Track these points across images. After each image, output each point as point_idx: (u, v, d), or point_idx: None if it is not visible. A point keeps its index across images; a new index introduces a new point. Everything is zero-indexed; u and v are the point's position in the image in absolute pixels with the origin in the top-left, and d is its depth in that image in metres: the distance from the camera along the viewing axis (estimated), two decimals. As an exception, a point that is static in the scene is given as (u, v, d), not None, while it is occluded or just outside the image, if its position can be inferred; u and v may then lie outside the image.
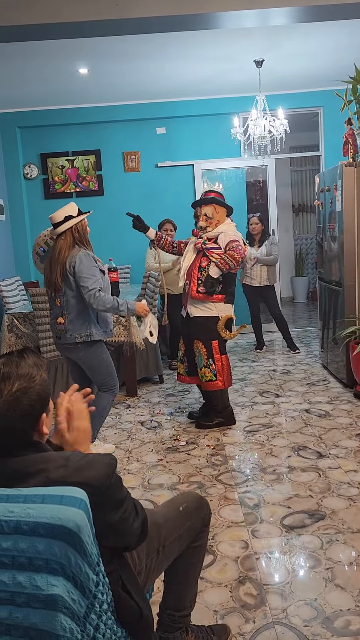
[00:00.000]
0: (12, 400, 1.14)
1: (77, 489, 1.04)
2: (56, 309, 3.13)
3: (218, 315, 3.56)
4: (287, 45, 4.87)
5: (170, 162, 6.59)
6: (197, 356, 3.62)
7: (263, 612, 1.91)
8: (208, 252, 3.49)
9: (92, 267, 3.01)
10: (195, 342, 3.62)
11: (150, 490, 2.87)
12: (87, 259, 3.00)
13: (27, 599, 0.96)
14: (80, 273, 2.97)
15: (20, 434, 1.17)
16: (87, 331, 3.08)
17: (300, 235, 9.65)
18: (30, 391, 1.17)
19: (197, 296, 3.52)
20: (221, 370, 3.59)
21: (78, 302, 3.05)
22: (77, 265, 2.98)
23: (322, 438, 3.41)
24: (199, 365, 3.62)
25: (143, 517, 1.29)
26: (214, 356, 3.58)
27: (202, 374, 3.61)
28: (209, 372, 3.58)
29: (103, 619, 1.09)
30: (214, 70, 5.44)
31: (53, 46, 4.46)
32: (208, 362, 3.58)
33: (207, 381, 3.61)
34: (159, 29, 3.76)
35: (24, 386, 1.16)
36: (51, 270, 3.05)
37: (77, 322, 3.07)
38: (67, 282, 3.03)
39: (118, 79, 5.50)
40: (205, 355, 3.57)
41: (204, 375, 3.60)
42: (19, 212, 6.53)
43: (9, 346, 4.38)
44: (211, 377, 3.58)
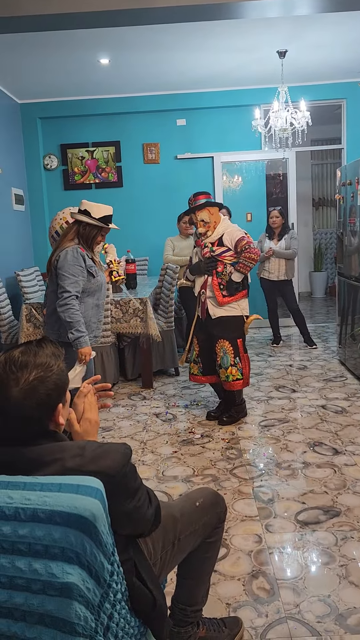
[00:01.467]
0: (29, 389, 1.15)
1: (93, 479, 1.05)
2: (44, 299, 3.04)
3: (242, 314, 3.54)
4: (311, 36, 4.80)
5: (190, 154, 6.55)
6: (222, 356, 3.53)
7: (276, 607, 1.91)
8: (220, 257, 3.47)
9: (75, 266, 2.75)
10: (220, 342, 3.54)
11: (165, 482, 2.88)
12: (72, 255, 2.75)
13: (43, 586, 0.96)
14: (60, 269, 2.74)
15: (36, 423, 1.17)
16: (57, 331, 2.85)
17: (320, 229, 9.55)
18: (47, 380, 1.17)
19: (224, 301, 3.49)
20: (246, 369, 3.58)
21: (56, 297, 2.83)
22: (61, 260, 2.76)
23: (338, 434, 3.38)
24: (224, 365, 3.53)
25: (156, 504, 1.30)
26: (240, 355, 3.55)
27: (229, 373, 3.52)
28: (236, 370, 3.53)
29: (117, 608, 1.10)
30: (236, 61, 5.39)
31: (74, 36, 4.46)
32: (235, 360, 3.52)
33: (233, 380, 3.54)
34: (182, 19, 3.73)
35: (41, 375, 1.17)
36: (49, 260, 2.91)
37: (52, 318, 2.86)
38: (50, 274, 2.85)
39: (139, 69, 5.48)
40: (232, 354, 3.52)
41: (231, 375, 3.53)
42: (39, 202, 6.56)
43: (27, 336, 4.42)
44: (238, 376, 3.54)
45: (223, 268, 3.47)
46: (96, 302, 2.94)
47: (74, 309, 2.73)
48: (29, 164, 6.50)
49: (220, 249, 3.47)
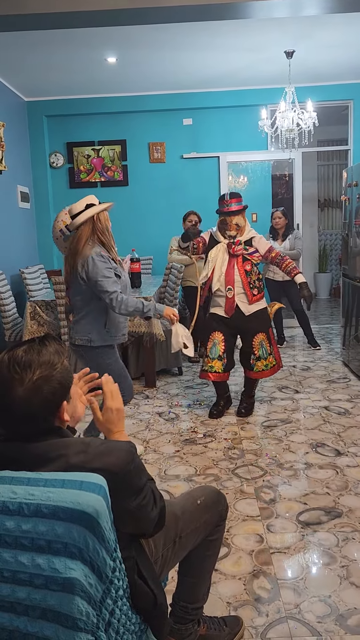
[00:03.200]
0: (34, 387, 1.15)
1: (96, 475, 1.05)
2: (68, 307, 2.98)
3: (265, 306, 3.74)
4: (319, 36, 4.79)
5: (196, 153, 6.55)
6: (260, 349, 3.67)
7: (276, 607, 1.91)
8: (250, 256, 3.63)
9: (106, 269, 2.71)
10: (257, 336, 3.67)
11: (167, 481, 2.88)
12: (99, 261, 2.70)
13: (46, 581, 0.97)
14: (95, 277, 2.68)
15: (41, 421, 1.18)
16: (87, 336, 2.81)
17: (325, 230, 9.53)
18: (51, 379, 1.18)
19: (254, 299, 3.64)
20: (277, 355, 3.79)
21: (85, 305, 2.82)
22: (90, 269, 2.69)
23: (340, 436, 3.38)
24: (263, 355, 3.68)
25: (161, 506, 1.30)
26: (272, 342, 3.74)
27: (268, 362, 3.69)
28: (272, 358, 3.72)
29: (119, 605, 1.10)
30: (243, 61, 5.38)
31: (81, 35, 4.47)
32: (271, 349, 3.71)
33: (271, 367, 3.72)
34: (189, 18, 3.73)
35: (45, 374, 1.17)
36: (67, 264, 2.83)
37: (80, 323, 2.84)
38: (75, 284, 2.78)
39: (146, 68, 5.48)
40: (268, 344, 3.70)
41: (270, 364, 3.70)
42: (44, 200, 6.58)
43: (31, 333, 4.43)
44: (273, 362, 3.73)
45: (251, 267, 3.63)
46: None
47: (126, 300, 2.71)
48: (35, 162, 6.51)
49: (250, 248, 3.65)
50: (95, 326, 2.82)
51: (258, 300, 3.66)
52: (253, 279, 3.62)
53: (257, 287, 3.65)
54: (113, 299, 2.69)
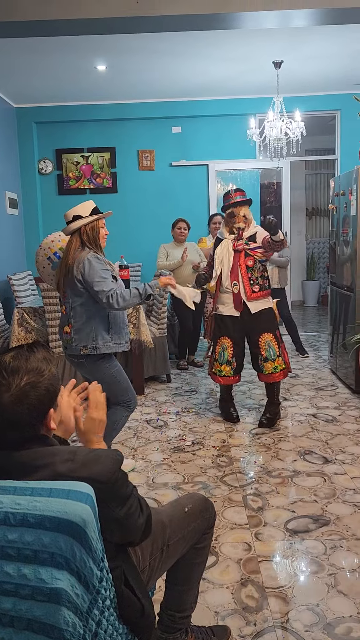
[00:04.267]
0: (21, 394, 1.14)
1: (83, 484, 1.04)
2: (63, 317, 2.87)
3: (271, 306, 3.70)
4: (307, 48, 4.85)
5: (185, 161, 6.59)
6: (267, 349, 3.61)
7: (264, 616, 1.90)
8: (252, 252, 3.59)
9: (102, 270, 2.71)
10: (263, 335, 3.61)
11: (155, 489, 2.87)
12: (96, 262, 2.70)
13: (32, 592, 0.96)
14: (92, 278, 2.67)
15: (27, 428, 1.17)
16: (93, 343, 2.76)
17: (313, 238, 9.61)
18: (38, 386, 1.17)
19: (253, 296, 3.59)
20: (287, 356, 3.71)
21: (86, 310, 2.76)
22: (87, 270, 2.67)
23: (328, 443, 3.39)
24: (271, 357, 3.61)
25: (148, 513, 1.29)
26: (280, 344, 3.66)
27: (277, 364, 3.61)
28: (281, 360, 3.63)
29: (105, 615, 1.09)
30: (232, 71, 5.43)
31: (72, 42, 4.48)
32: (280, 350, 3.64)
33: (281, 370, 3.64)
34: (179, 28, 3.76)
35: (32, 380, 1.16)
36: (60, 273, 2.81)
37: (84, 332, 2.76)
38: (74, 288, 2.74)
39: (135, 76, 5.51)
40: (276, 345, 3.63)
41: (279, 366, 3.62)
42: (33, 207, 6.56)
43: (19, 340, 4.40)
44: (283, 365, 3.64)
45: (254, 263, 3.59)
46: None
47: (122, 293, 2.67)
48: (24, 168, 6.50)
49: (253, 244, 3.61)
50: (100, 333, 2.76)
51: (258, 297, 3.59)
52: (255, 276, 3.58)
53: (260, 284, 3.60)
54: (110, 295, 2.65)
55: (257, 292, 3.59)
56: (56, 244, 3.02)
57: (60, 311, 2.90)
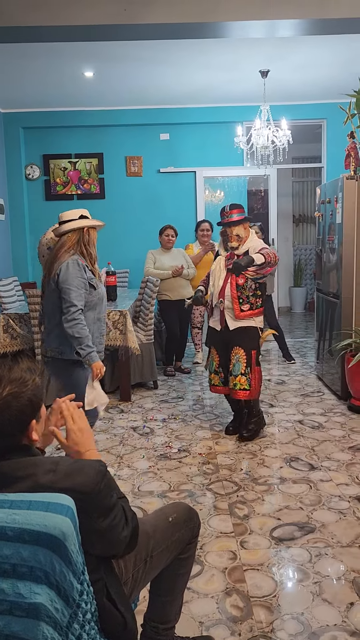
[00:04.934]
0: (2, 404, 1.13)
1: (64, 496, 1.03)
2: (41, 315, 2.86)
3: (257, 326, 3.57)
4: (293, 57, 4.90)
5: (173, 168, 6.60)
6: (234, 363, 3.53)
7: (249, 625, 1.89)
8: (245, 272, 3.47)
9: (78, 278, 2.63)
10: (235, 350, 3.54)
11: (140, 497, 2.85)
12: (73, 267, 2.64)
13: (10, 607, 0.94)
14: (64, 283, 2.62)
15: (8, 438, 1.16)
16: (59, 347, 2.71)
17: (300, 245, 9.67)
18: (21, 396, 1.16)
19: (242, 315, 3.50)
20: (255, 381, 3.55)
21: (57, 313, 2.70)
22: (63, 273, 2.63)
23: (314, 450, 3.40)
24: (234, 372, 3.52)
25: (134, 525, 1.27)
26: (252, 366, 3.53)
27: (237, 381, 3.51)
28: (244, 380, 3.50)
29: (86, 629, 1.08)
30: (219, 78, 5.47)
31: (59, 48, 4.48)
32: (246, 370, 3.51)
33: (240, 389, 3.52)
34: (167, 36, 3.78)
35: (14, 391, 1.15)
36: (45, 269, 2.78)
37: (52, 334, 2.73)
38: (52, 290, 2.70)
39: (123, 83, 5.52)
40: (245, 363, 3.51)
41: (238, 383, 3.51)
42: (19, 212, 6.53)
43: (4, 347, 4.36)
44: (246, 386, 3.51)
45: (245, 281, 3.48)
46: (97, 315, 2.81)
47: (81, 323, 2.62)
48: (11, 174, 6.47)
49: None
50: (65, 339, 2.68)
51: (248, 316, 3.50)
52: (246, 294, 3.48)
53: (250, 302, 3.50)
54: (71, 311, 2.60)
55: (246, 311, 3.50)
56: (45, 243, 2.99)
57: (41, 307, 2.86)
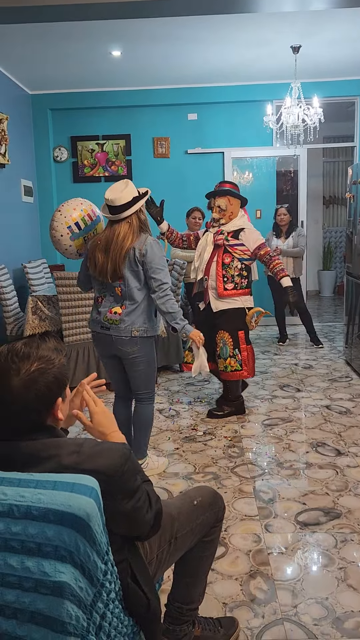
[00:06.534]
0: (29, 379, 1.15)
1: (88, 477, 1.04)
2: (113, 298, 2.75)
3: (244, 307, 3.54)
4: (326, 32, 4.74)
5: (201, 149, 6.51)
6: (221, 347, 3.56)
7: (272, 608, 1.89)
8: (231, 249, 3.47)
9: (162, 257, 2.69)
10: (220, 333, 3.56)
11: (166, 479, 2.87)
12: (157, 248, 2.67)
13: (35, 585, 0.96)
14: (152, 263, 2.64)
15: (34, 415, 1.17)
16: (144, 325, 2.74)
17: (330, 227, 9.48)
18: (47, 373, 1.18)
19: (225, 294, 3.50)
20: (247, 360, 3.58)
21: (142, 294, 2.72)
22: (149, 253, 2.63)
23: (341, 435, 3.36)
24: (223, 355, 3.56)
25: (157, 508, 1.28)
26: (240, 346, 3.55)
27: (227, 364, 3.55)
28: (234, 362, 3.54)
29: (110, 608, 1.09)
30: (249, 56, 5.34)
31: (87, 28, 4.43)
32: (234, 352, 3.54)
33: (232, 371, 3.56)
34: (197, 12, 3.69)
35: (42, 367, 1.17)
36: (109, 258, 2.65)
37: (136, 313, 2.72)
38: (133, 272, 2.67)
39: (151, 62, 5.44)
40: (232, 345, 3.53)
41: (229, 366, 3.55)
42: (48, 194, 6.56)
43: (32, 328, 4.42)
44: (237, 367, 3.55)
45: (230, 261, 3.48)
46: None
47: (173, 299, 2.72)
48: (39, 156, 6.49)
49: (234, 240, 3.51)
50: (149, 315, 2.77)
51: (231, 295, 3.50)
52: (230, 273, 3.46)
53: (235, 282, 3.47)
54: (163, 289, 2.67)
55: (229, 290, 3.48)
56: (78, 213, 2.86)
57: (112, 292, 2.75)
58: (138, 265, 2.66)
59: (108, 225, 2.73)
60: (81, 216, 2.85)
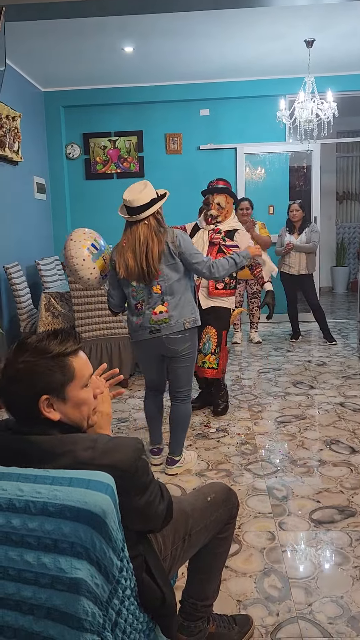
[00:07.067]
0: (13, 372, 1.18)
1: (104, 474, 1.03)
2: (154, 298, 2.70)
3: (230, 307, 3.61)
4: (340, 25, 4.69)
5: (213, 144, 6.48)
6: (205, 342, 3.58)
7: (287, 606, 1.88)
8: (226, 249, 3.48)
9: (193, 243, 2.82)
10: (207, 328, 3.58)
11: (179, 475, 2.87)
12: (186, 235, 2.77)
13: (51, 581, 0.96)
14: (189, 249, 2.71)
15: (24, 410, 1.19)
16: (192, 315, 2.75)
17: (343, 223, 9.40)
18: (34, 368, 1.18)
19: (215, 293, 3.54)
20: (222, 361, 3.63)
21: (181, 285, 2.73)
22: (183, 243, 2.69)
23: (355, 433, 3.33)
24: (205, 351, 3.57)
25: (168, 499, 1.28)
26: (221, 346, 3.59)
27: (206, 359, 3.58)
28: (214, 359, 3.58)
29: (126, 604, 1.09)
30: (261, 50, 5.30)
31: (99, 24, 4.43)
32: (216, 350, 3.57)
33: (208, 367, 3.59)
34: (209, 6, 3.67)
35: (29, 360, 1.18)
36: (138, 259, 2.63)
37: (181, 305, 2.72)
38: (171, 265, 2.68)
39: (163, 58, 5.43)
40: (215, 342, 3.57)
41: (208, 362, 3.57)
42: (60, 191, 6.57)
43: (46, 325, 4.44)
44: (214, 365, 3.59)
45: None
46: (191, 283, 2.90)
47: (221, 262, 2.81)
48: (52, 153, 6.51)
49: (229, 241, 3.53)
50: (193, 304, 2.82)
51: (220, 295, 3.54)
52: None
53: (225, 282, 3.50)
54: (211, 265, 2.76)
55: (220, 289, 3.54)
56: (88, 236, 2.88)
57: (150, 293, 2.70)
58: (175, 257, 2.69)
59: (126, 227, 2.73)
60: (92, 237, 2.88)
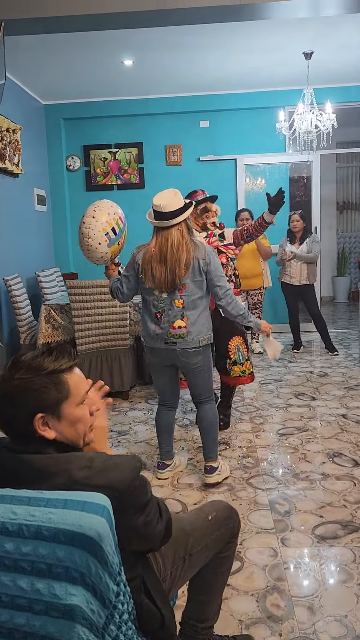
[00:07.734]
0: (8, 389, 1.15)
1: (100, 495, 1.01)
2: (174, 311, 2.67)
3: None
4: (338, 37, 4.71)
5: (213, 156, 6.50)
6: (236, 352, 3.49)
7: (290, 626, 1.84)
8: (225, 248, 3.50)
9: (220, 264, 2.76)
10: (233, 339, 3.48)
11: (180, 490, 2.83)
12: (216, 255, 2.73)
13: (45, 608, 0.93)
14: (217, 271, 2.67)
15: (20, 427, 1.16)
16: (208, 333, 2.77)
17: (344, 233, 9.40)
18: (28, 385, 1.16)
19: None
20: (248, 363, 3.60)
21: (202, 302, 2.72)
22: (212, 263, 2.65)
23: (358, 445, 3.29)
24: (240, 360, 3.49)
25: (167, 518, 1.25)
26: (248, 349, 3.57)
27: (245, 368, 3.49)
28: (249, 364, 3.51)
29: (123, 630, 1.05)
30: (261, 63, 5.32)
31: (99, 37, 4.45)
32: (249, 354, 3.53)
33: (249, 374, 3.50)
34: (208, 20, 3.68)
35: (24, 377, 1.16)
36: (166, 268, 2.60)
37: (199, 322, 2.71)
38: (196, 282, 2.66)
39: (162, 71, 5.46)
40: (245, 350, 3.52)
41: (247, 370, 3.49)
42: (61, 203, 6.59)
43: (45, 337, 4.42)
44: (251, 368, 3.52)
45: (227, 261, 3.49)
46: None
47: (239, 302, 2.81)
48: (52, 165, 6.53)
49: (225, 241, 3.54)
50: (209, 322, 2.81)
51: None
52: (229, 273, 3.46)
53: (233, 282, 3.47)
54: (229, 294, 2.74)
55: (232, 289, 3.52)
56: (112, 217, 2.82)
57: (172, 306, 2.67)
58: (202, 274, 2.67)
59: (155, 233, 2.70)
60: (115, 220, 2.82)
